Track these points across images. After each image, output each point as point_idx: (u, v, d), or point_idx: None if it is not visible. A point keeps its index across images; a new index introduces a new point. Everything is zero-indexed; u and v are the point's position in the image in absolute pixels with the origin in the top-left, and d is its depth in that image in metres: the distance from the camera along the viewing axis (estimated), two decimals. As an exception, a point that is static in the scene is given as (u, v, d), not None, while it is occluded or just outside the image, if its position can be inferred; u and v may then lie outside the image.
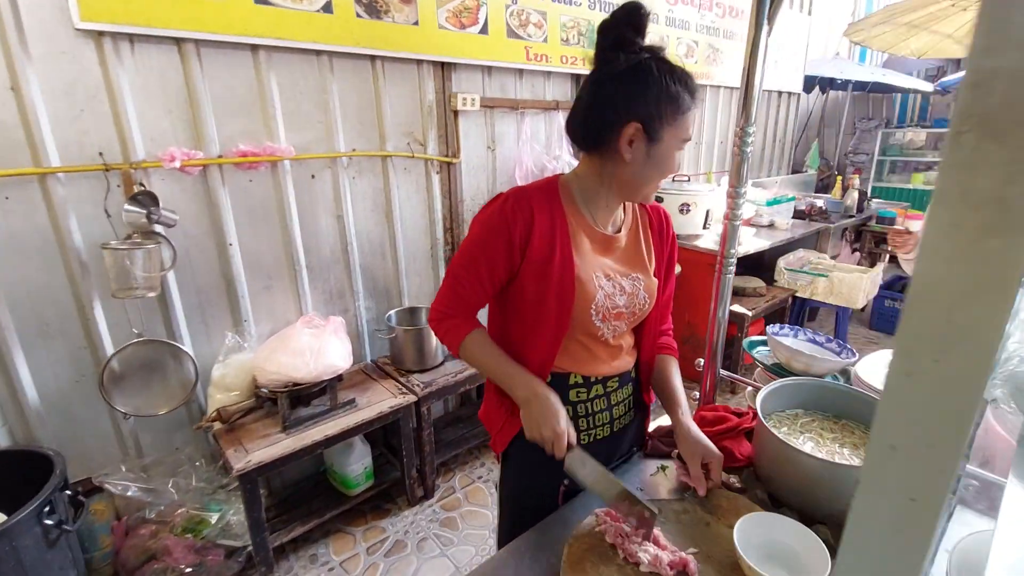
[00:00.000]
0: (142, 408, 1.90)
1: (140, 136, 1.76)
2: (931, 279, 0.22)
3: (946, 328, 0.22)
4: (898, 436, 0.25)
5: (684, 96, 0.92)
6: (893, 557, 0.26)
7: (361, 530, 2.25)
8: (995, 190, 0.20)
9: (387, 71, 2.23)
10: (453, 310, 1.05)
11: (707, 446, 1.03)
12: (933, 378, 0.23)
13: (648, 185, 0.99)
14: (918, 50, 4.55)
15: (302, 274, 2.21)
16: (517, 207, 0.96)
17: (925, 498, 0.24)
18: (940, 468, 0.24)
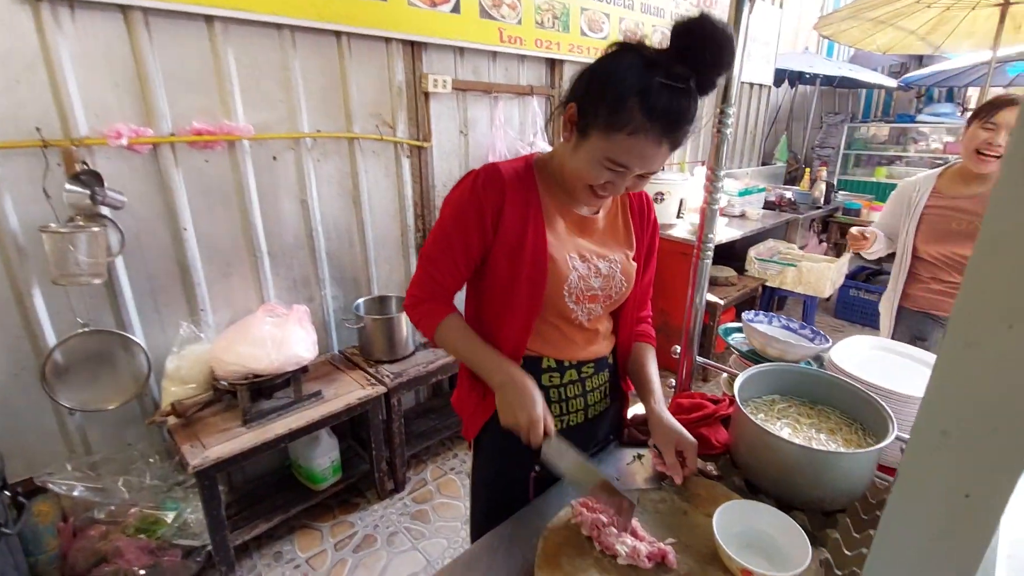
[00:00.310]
0: (89, 403, 1.78)
1: (83, 111, 1.62)
2: (1011, 225, 0.18)
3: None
4: (952, 420, 0.21)
5: (631, 109, 0.78)
6: (937, 565, 0.22)
7: (328, 525, 2.18)
8: None
9: (354, 48, 2.13)
10: (428, 294, 1.02)
11: (681, 433, 1.00)
12: (1004, 347, 0.19)
13: (569, 179, 0.91)
14: (884, 46, 4.65)
15: (263, 261, 2.10)
16: (488, 183, 0.93)
17: (983, 494, 0.20)
18: (1004, 457, 0.20)
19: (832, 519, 0.92)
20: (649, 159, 0.83)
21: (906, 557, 0.23)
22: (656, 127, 0.79)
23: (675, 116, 0.80)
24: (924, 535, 0.22)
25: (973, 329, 0.19)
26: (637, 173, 0.86)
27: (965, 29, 4.21)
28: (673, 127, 0.80)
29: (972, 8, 3.89)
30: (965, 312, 0.19)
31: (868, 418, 1.02)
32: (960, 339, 0.20)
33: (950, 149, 5.94)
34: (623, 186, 0.88)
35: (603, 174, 0.86)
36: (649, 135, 0.80)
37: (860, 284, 4.22)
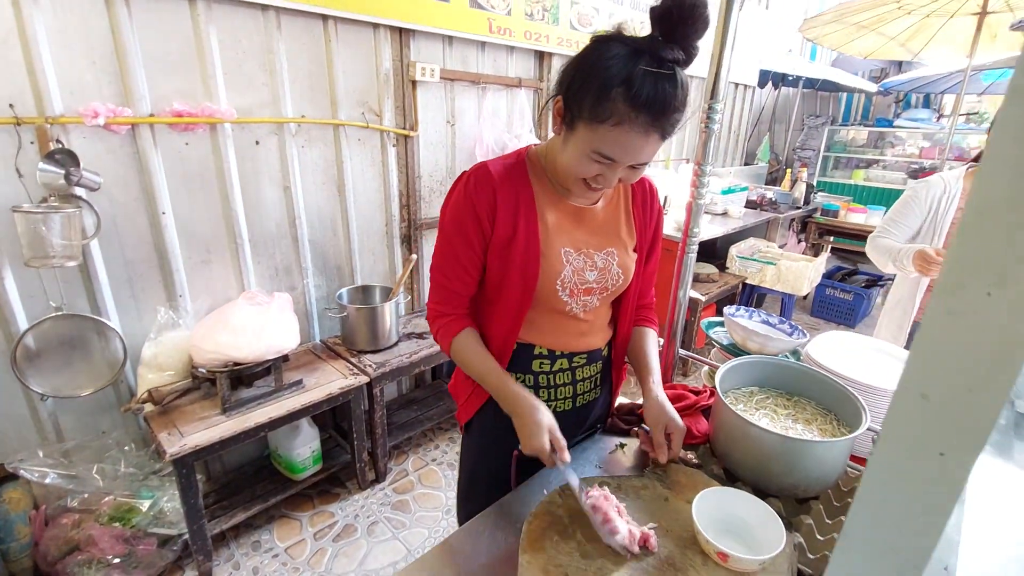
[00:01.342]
0: (62, 389, 1.73)
1: (58, 88, 1.57)
2: (995, 196, 0.19)
3: (1007, 254, 0.19)
4: (932, 384, 0.22)
5: (616, 100, 0.77)
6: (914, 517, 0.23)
7: (308, 515, 2.16)
8: None
9: (340, 33, 2.10)
10: (444, 306, 1.03)
11: (672, 416, 1.02)
12: (982, 314, 0.20)
13: (561, 172, 0.92)
14: (865, 50, 4.75)
15: (244, 248, 2.07)
16: (478, 183, 0.94)
17: (956, 451, 0.22)
18: (977, 418, 0.21)
19: (806, 506, 0.95)
20: (636, 150, 0.82)
21: (886, 512, 0.24)
22: (642, 117, 0.78)
23: (661, 104, 0.78)
24: (902, 491, 0.23)
25: (955, 297, 0.20)
26: (628, 165, 0.86)
27: (943, 37, 4.33)
28: (659, 115, 0.79)
29: (950, 16, 3.99)
30: (950, 279, 0.21)
31: (843, 409, 1.05)
32: (942, 307, 0.21)
33: (926, 154, 6.10)
34: (614, 178, 0.88)
35: (592, 167, 0.86)
36: (635, 125, 0.79)
37: (836, 283, 4.32)
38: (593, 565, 0.78)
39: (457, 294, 1.01)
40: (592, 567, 0.78)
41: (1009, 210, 0.19)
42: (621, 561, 0.79)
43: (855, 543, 0.25)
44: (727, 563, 0.77)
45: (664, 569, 0.78)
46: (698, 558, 0.80)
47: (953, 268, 0.20)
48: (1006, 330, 0.20)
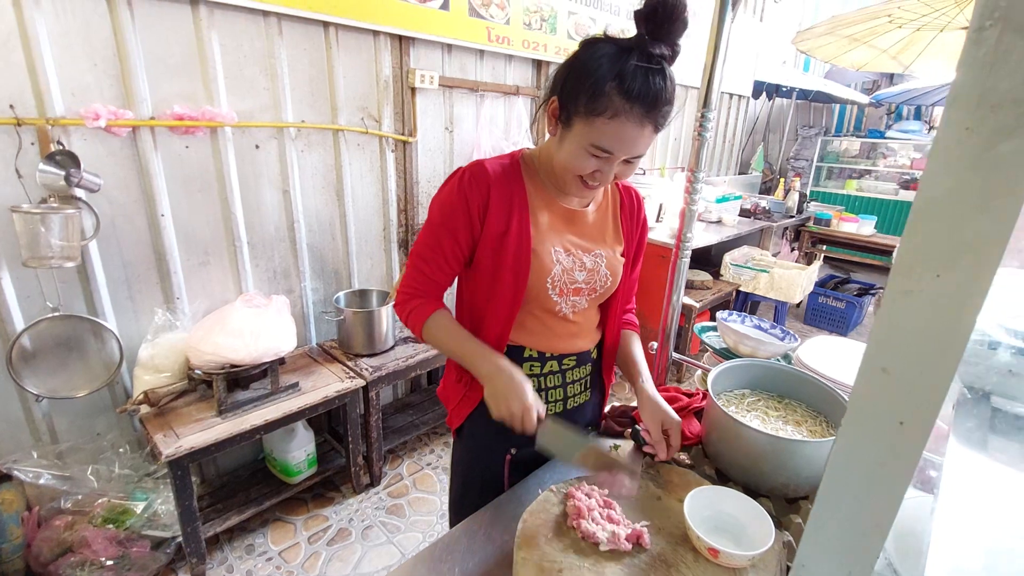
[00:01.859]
0: (58, 390, 1.73)
1: (59, 89, 1.59)
2: (939, 191, 0.21)
3: (950, 241, 0.21)
4: (892, 359, 0.24)
5: (610, 94, 0.81)
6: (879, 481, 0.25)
7: (302, 519, 2.16)
8: (1016, 90, 0.19)
9: (341, 40, 2.13)
10: (419, 291, 1.04)
11: (667, 412, 1.04)
12: (933, 294, 0.22)
13: (558, 171, 0.93)
14: (857, 62, 4.82)
15: (243, 250, 2.08)
16: (473, 180, 0.95)
17: (914, 420, 0.24)
18: (931, 389, 0.23)
19: (795, 505, 0.97)
20: (632, 142, 0.85)
21: (853, 479, 0.26)
22: (636, 109, 0.82)
23: (653, 96, 0.82)
24: (867, 460, 0.25)
25: (908, 278, 0.23)
26: (623, 159, 0.88)
27: (934, 50, 4.40)
28: (652, 107, 0.82)
29: (940, 30, 4.06)
30: (904, 263, 0.23)
31: (832, 411, 1.07)
32: (898, 287, 0.23)
33: (917, 165, 6.19)
34: (611, 173, 0.90)
35: (589, 162, 0.88)
36: (631, 117, 0.82)
37: (829, 292, 4.36)
38: (588, 561, 0.79)
39: (435, 282, 1.02)
40: (587, 564, 0.79)
41: (953, 201, 0.21)
42: (615, 557, 0.80)
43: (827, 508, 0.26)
44: (718, 559, 0.78)
45: (656, 565, 0.80)
46: (689, 554, 0.82)
47: (906, 253, 0.22)
48: (953, 308, 0.22)
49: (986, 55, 0.19)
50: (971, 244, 0.21)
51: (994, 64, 0.19)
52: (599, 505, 0.87)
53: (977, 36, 0.20)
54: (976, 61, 0.20)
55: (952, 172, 0.21)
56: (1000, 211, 0.20)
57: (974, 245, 0.21)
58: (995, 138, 0.20)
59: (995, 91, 0.19)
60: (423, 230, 1.01)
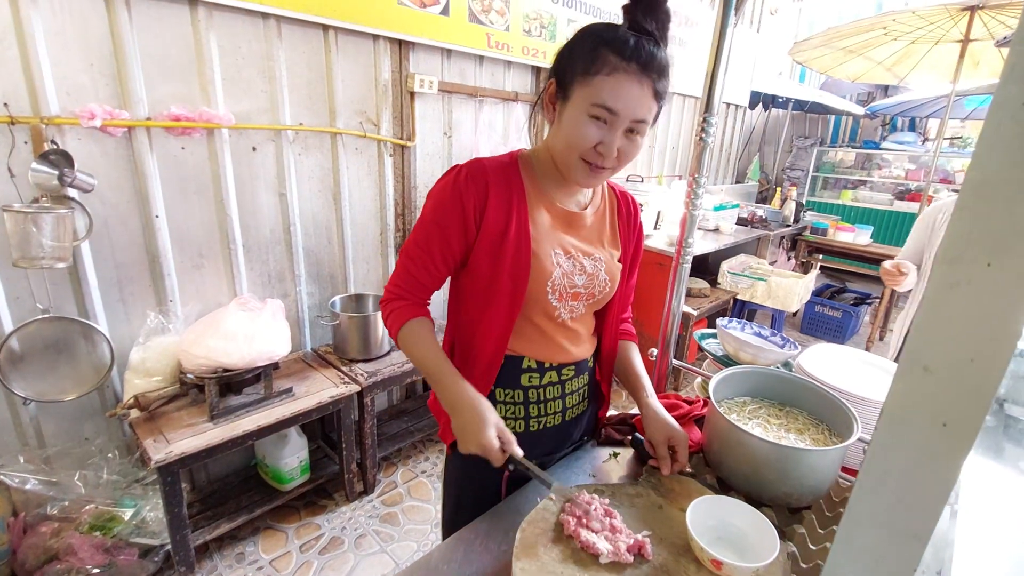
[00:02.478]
0: (46, 393, 1.70)
1: (54, 88, 1.57)
2: (991, 171, 0.20)
3: (1004, 225, 0.20)
4: (934, 356, 0.22)
5: (605, 54, 0.82)
6: (919, 487, 0.24)
7: (294, 527, 2.12)
8: None
9: (340, 43, 2.12)
10: (404, 291, 0.99)
11: (674, 427, 1.02)
12: (983, 286, 0.21)
13: (561, 156, 0.91)
14: (853, 74, 4.87)
15: (237, 253, 2.06)
16: (471, 178, 0.92)
17: (959, 422, 0.22)
18: (979, 388, 0.21)
19: (798, 515, 0.95)
20: (633, 99, 0.84)
21: (889, 483, 0.24)
22: (632, 66, 0.82)
23: (648, 56, 0.83)
24: (905, 462, 0.24)
25: (956, 268, 0.21)
26: (625, 127, 0.86)
27: (928, 63, 4.45)
28: (648, 66, 0.83)
29: (935, 43, 4.11)
30: (950, 253, 0.21)
31: (834, 419, 1.05)
32: (944, 280, 0.21)
33: (911, 176, 6.23)
34: (614, 144, 0.86)
35: (591, 131, 0.85)
36: (629, 73, 0.82)
37: (825, 301, 4.36)
38: (588, 572, 0.77)
39: (421, 284, 0.98)
40: (587, 574, 0.77)
41: (1007, 183, 0.19)
42: (616, 568, 0.78)
43: (860, 515, 0.25)
44: (721, 571, 0.76)
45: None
46: (692, 565, 0.80)
47: (953, 241, 0.21)
48: (1006, 300, 0.20)
49: (1045, 25, 0.18)
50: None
51: (1055, 36, 0.18)
52: (600, 515, 0.84)
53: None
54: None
55: (1007, 150, 0.19)
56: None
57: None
58: (1054, 112, 0.18)
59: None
60: (415, 228, 0.98)
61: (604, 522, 0.83)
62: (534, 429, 1.07)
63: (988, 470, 0.50)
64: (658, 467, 1.01)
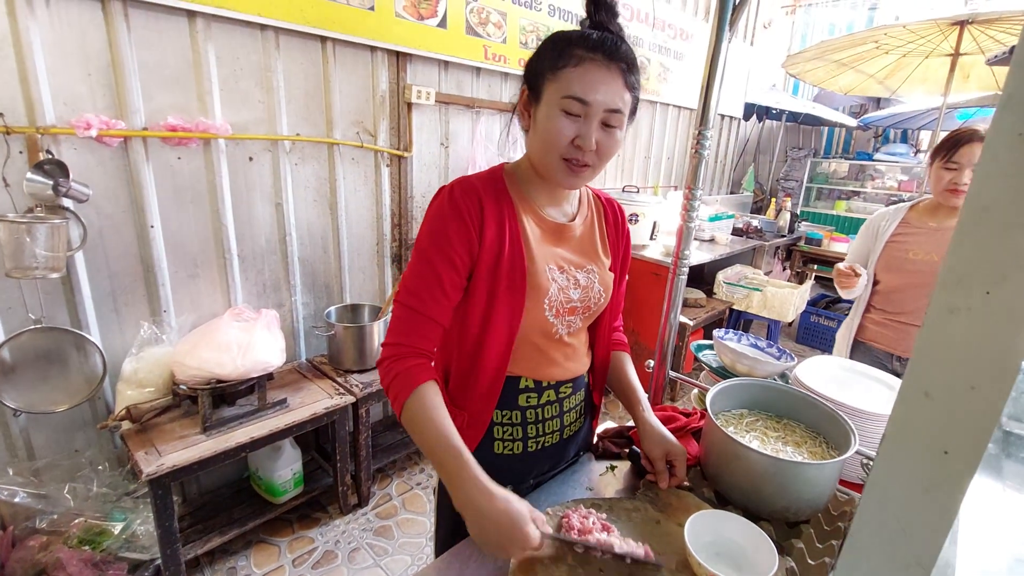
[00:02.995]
0: (37, 404, 1.68)
1: (51, 98, 1.57)
2: (990, 199, 0.20)
3: (1002, 254, 0.20)
4: (935, 382, 0.22)
5: (571, 49, 0.83)
6: (921, 514, 0.23)
7: (287, 540, 2.09)
8: None
9: (338, 55, 2.13)
10: (407, 346, 0.88)
11: (671, 442, 1.01)
12: (983, 312, 0.20)
13: (539, 158, 0.89)
14: (845, 86, 4.93)
15: (233, 263, 2.05)
16: (465, 194, 0.89)
17: (960, 450, 0.22)
18: (980, 416, 0.21)
19: (797, 530, 0.94)
20: (604, 86, 0.83)
21: (892, 510, 0.24)
22: (598, 55, 0.83)
23: (613, 45, 0.84)
24: (908, 488, 0.23)
25: (955, 296, 0.21)
26: (600, 118, 0.85)
27: (919, 76, 4.51)
28: (615, 55, 0.84)
29: (925, 57, 4.17)
30: (950, 278, 0.21)
31: (831, 432, 1.05)
32: (944, 306, 0.21)
33: (904, 187, 6.29)
34: (591, 136, 0.84)
35: (565, 125, 0.84)
36: (596, 63, 0.83)
37: (820, 311, 4.38)
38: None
39: (432, 322, 0.88)
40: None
41: (1007, 211, 0.19)
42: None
43: (863, 541, 0.25)
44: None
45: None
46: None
47: (953, 267, 0.21)
48: (1006, 329, 0.20)
49: (1044, 53, 0.18)
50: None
51: (1050, 65, 0.18)
52: (597, 529, 0.84)
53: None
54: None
55: (1004, 180, 0.19)
56: (1060, 218, 0.19)
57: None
58: (1053, 142, 0.18)
59: (1051, 94, 0.18)
60: (410, 265, 0.90)
61: (602, 538, 0.82)
62: (532, 450, 1.05)
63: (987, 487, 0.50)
64: (655, 481, 1.00)
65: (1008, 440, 0.53)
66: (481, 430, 1.00)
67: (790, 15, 6.35)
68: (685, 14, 3.95)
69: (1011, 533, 0.49)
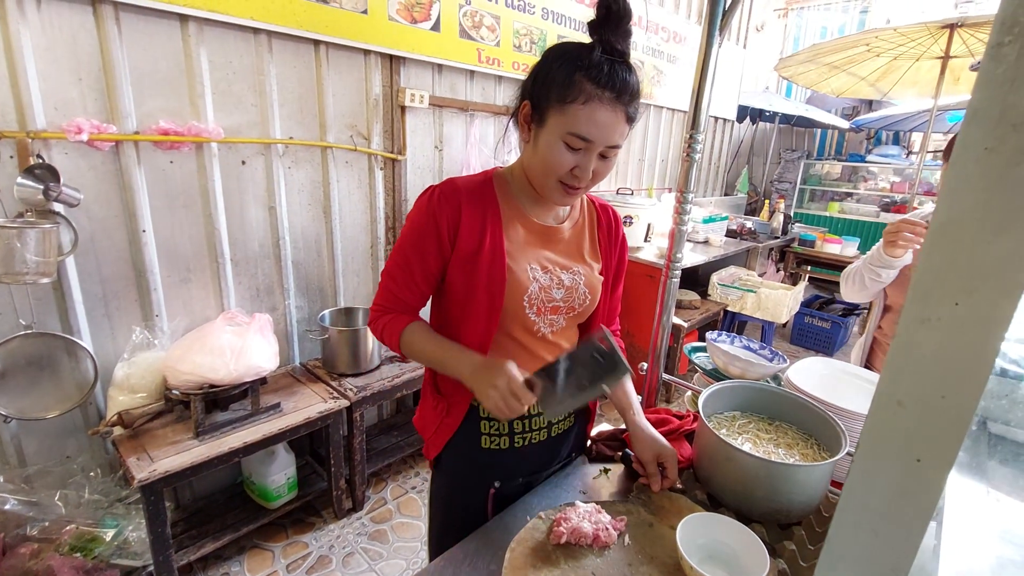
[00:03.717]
0: (27, 410, 1.67)
1: (41, 103, 1.56)
2: (956, 212, 0.20)
3: (970, 266, 0.20)
4: (907, 391, 0.22)
5: (580, 82, 0.83)
6: (895, 522, 0.24)
7: (281, 546, 2.08)
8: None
9: (331, 58, 2.13)
10: (388, 308, 1.02)
11: (662, 444, 1.02)
12: (951, 323, 0.21)
13: (537, 177, 0.92)
14: (837, 89, 4.96)
15: (226, 267, 2.04)
16: (443, 198, 0.94)
17: (932, 457, 0.22)
18: (951, 424, 0.22)
19: (788, 532, 0.95)
20: (608, 127, 0.85)
21: (868, 516, 0.24)
22: (607, 94, 0.83)
23: (621, 82, 0.84)
24: (882, 496, 0.24)
25: (925, 306, 0.21)
26: (599, 151, 0.87)
27: (910, 78, 4.55)
28: (622, 92, 0.84)
29: (916, 59, 4.20)
30: (921, 290, 0.21)
31: (823, 434, 1.05)
32: (914, 316, 0.22)
33: (896, 188, 6.34)
34: (590, 168, 0.88)
35: (566, 156, 0.87)
36: (603, 102, 0.83)
37: (814, 312, 4.40)
38: (577, 593, 0.76)
39: (405, 302, 1.01)
40: (576, 595, 0.76)
41: (973, 223, 0.20)
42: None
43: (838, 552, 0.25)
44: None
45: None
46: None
47: (923, 279, 0.21)
48: (974, 340, 0.21)
49: (1006, 72, 0.19)
50: (992, 269, 0.20)
51: (1014, 81, 0.18)
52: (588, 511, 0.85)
53: (996, 52, 0.19)
54: (995, 79, 0.19)
55: (971, 193, 0.20)
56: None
57: (996, 270, 0.19)
58: (1018, 157, 0.19)
59: (1016, 109, 0.19)
60: (395, 249, 1.00)
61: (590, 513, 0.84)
62: (519, 445, 1.06)
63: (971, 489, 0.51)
64: (648, 484, 1.00)
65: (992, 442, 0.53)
66: (459, 417, 1.03)
67: (782, 18, 6.40)
68: (678, 17, 3.97)
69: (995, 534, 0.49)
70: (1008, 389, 0.56)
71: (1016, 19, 0.18)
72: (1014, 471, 0.51)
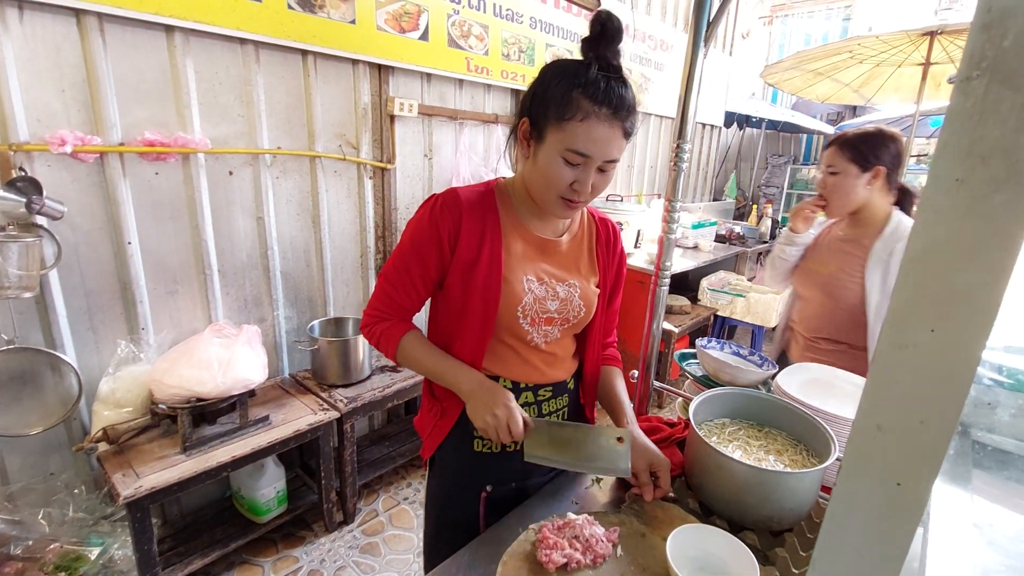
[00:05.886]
0: (10, 427, 1.63)
1: (24, 115, 1.54)
2: (929, 241, 0.21)
3: (944, 293, 0.20)
4: (886, 415, 0.23)
5: (578, 99, 0.85)
6: (876, 547, 0.24)
7: (271, 560, 2.05)
8: (1005, 139, 0.18)
9: (320, 68, 2.13)
10: (386, 313, 1.04)
11: (655, 453, 1.03)
12: (929, 349, 0.21)
13: (537, 192, 0.94)
14: (822, 95, 5.03)
15: (213, 279, 2.02)
16: (446, 207, 0.96)
17: (912, 481, 0.23)
18: (930, 448, 0.22)
19: (780, 539, 0.95)
20: (605, 143, 0.86)
21: (850, 539, 0.24)
22: (604, 110, 0.85)
23: (618, 98, 0.86)
24: (863, 519, 0.24)
25: (902, 333, 0.22)
26: (598, 166, 0.89)
27: (892, 84, 4.62)
28: (619, 108, 0.86)
29: (898, 66, 4.28)
30: (897, 316, 0.22)
31: (812, 440, 1.06)
32: (892, 342, 0.22)
33: (881, 192, 6.42)
34: (589, 182, 0.90)
35: (565, 172, 0.88)
36: (600, 118, 0.85)
37: (803, 316, 4.43)
38: (569, 607, 0.76)
39: (402, 307, 1.03)
40: (568, 609, 0.76)
41: (945, 252, 0.20)
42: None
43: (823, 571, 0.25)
44: (704, 601, 0.76)
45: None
46: (675, 597, 0.79)
47: (899, 305, 0.22)
48: (950, 366, 0.21)
49: (974, 106, 0.19)
50: (966, 296, 0.20)
51: (983, 114, 0.19)
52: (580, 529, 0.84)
53: (964, 87, 0.19)
54: (964, 112, 0.19)
55: (942, 223, 0.20)
56: (995, 261, 0.19)
57: (969, 297, 0.20)
58: (986, 189, 0.19)
59: (984, 142, 0.19)
60: (394, 253, 1.01)
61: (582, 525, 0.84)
62: (512, 450, 1.07)
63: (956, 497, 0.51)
64: (641, 494, 1.00)
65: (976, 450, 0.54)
66: (451, 420, 1.05)
67: (767, 25, 6.50)
68: (665, 25, 4.01)
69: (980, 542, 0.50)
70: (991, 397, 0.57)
71: (984, 54, 0.18)
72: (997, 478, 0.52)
